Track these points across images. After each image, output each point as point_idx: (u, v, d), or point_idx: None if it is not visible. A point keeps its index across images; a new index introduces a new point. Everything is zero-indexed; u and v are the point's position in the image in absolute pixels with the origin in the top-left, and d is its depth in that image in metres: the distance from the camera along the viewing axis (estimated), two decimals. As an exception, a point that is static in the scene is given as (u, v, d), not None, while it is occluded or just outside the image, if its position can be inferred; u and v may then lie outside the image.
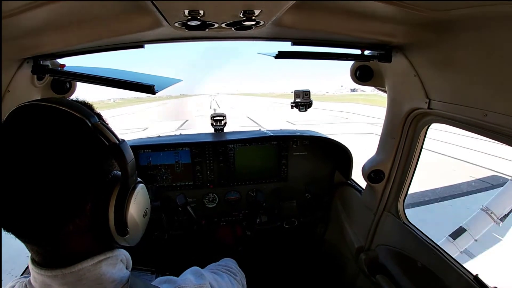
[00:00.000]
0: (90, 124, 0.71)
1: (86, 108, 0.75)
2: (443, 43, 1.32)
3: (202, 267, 1.21)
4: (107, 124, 0.80)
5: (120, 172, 0.76)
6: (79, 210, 0.69)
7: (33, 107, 0.70)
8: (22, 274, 1.02)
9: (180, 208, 2.36)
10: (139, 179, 0.84)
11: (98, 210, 0.73)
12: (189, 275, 0.95)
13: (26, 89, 1.55)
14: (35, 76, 1.55)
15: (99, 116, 0.79)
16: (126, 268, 0.86)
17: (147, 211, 0.86)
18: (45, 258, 0.72)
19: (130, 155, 0.77)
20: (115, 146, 0.73)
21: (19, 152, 0.63)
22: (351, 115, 27.99)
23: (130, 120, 30.79)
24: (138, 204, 0.79)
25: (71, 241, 0.71)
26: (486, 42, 1.13)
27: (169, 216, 2.50)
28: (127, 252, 0.89)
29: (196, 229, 2.54)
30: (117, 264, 0.80)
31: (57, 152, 0.65)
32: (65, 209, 0.67)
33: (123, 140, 0.77)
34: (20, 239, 0.68)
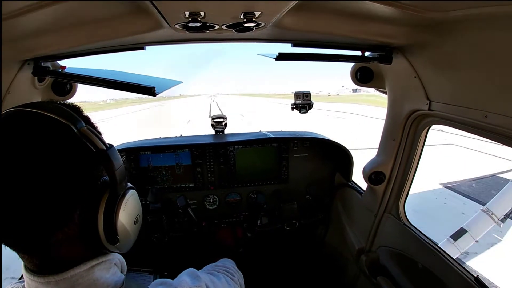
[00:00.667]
0: (76, 130, 0.69)
1: (72, 113, 0.72)
2: (443, 44, 1.32)
3: (202, 268, 1.20)
4: (95, 128, 0.78)
5: (108, 178, 0.74)
6: (66, 218, 0.68)
7: (18, 113, 0.68)
8: (20, 279, 1.02)
9: (180, 210, 2.36)
10: (130, 185, 0.82)
11: (87, 218, 0.71)
12: (185, 277, 0.94)
13: (26, 91, 1.55)
14: (36, 77, 1.55)
15: (87, 119, 0.77)
16: (121, 272, 0.85)
17: (138, 217, 0.85)
18: (37, 266, 0.71)
19: (118, 161, 0.74)
20: (102, 152, 0.71)
21: (3, 161, 0.61)
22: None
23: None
24: (128, 211, 0.78)
25: (61, 249, 0.70)
26: (486, 43, 1.13)
27: (170, 218, 2.50)
28: (121, 256, 0.88)
29: (197, 231, 2.54)
30: (111, 268, 0.79)
31: (41, 160, 0.63)
32: (51, 218, 0.65)
33: (111, 146, 0.75)
34: (10, 248, 0.67)
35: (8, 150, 0.62)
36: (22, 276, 0.76)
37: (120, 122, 30.54)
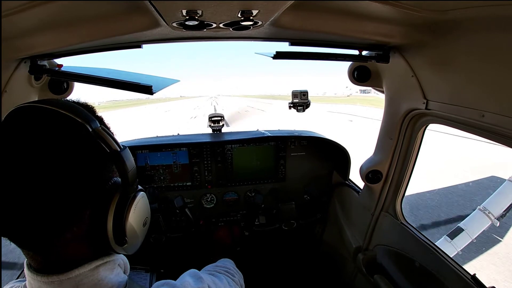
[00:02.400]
0: (90, 130, 0.68)
1: (87, 112, 0.72)
2: (441, 44, 1.33)
3: (200, 267, 1.20)
4: (108, 128, 0.78)
5: (120, 179, 0.74)
6: (77, 217, 0.68)
7: (32, 109, 0.67)
8: (17, 278, 1.01)
9: (177, 211, 2.36)
10: (140, 187, 0.82)
11: (97, 218, 0.71)
12: (188, 278, 0.93)
13: (23, 89, 1.54)
14: (33, 76, 1.54)
15: (101, 120, 0.77)
16: (124, 273, 0.85)
17: (147, 220, 0.85)
18: (41, 264, 0.71)
19: (131, 163, 0.75)
20: (116, 154, 0.71)
21: (16, 157, 0.61)
22: None
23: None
24: (138, 213, 0.78)
25: (68, 248, 0.70)
26: (483, 43, 1.14)
27: (167, 218, 2.49)
28: (124, 257, 0.88)
29: (194, 231, 2.54)
30: (114, 269, 0.79)
31: (55, 158, 0.63)
32: (62, 216, 0.65)
33: (125, 147, 0.75)
34: (16, 244, 0.66)
35: (22, 146, 0.62)
36: (20, 274, 0.75)
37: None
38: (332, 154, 2.67)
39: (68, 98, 1.76)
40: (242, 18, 1.15)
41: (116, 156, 0.71)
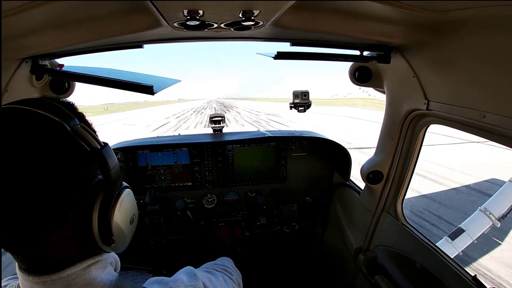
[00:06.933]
0: (69, 128, 0.66)
1: (66, 110, 0.69)
2: (442, 44, 1.32)
3: (200, 266, 1.20)
4: (89, 125, 0.76)
5: (103, 178, 0.73)
6: (61, 220, 0.66)
7: (9, 111, 0.65)
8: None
9: (179, 212, 2.36)
10: (125, 184, 0.80)
11: (81, 219, 0.70)
12: (182, 275, 0.92)
13: (24, 89, 1.54)
14: (34, 76, 1.55)
15: (81, 116, 0.76)
16: (115, 270, 0.85)
17: (134, 217, 0.83)
18: (30, 266, 0.70)
19: (113, 160, 0.73)
20: (96, 152, 0.69)
21: None
22: None
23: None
24: (123, 212, 0.76)
25: (56, 250, 0.68)
26: (485, 43, 1.14)
27: (168, 218, 2.50)
28: (115, 254, 0.87)
29: (195, 234, 2.54)
30: (106, 267, 0.78)
31: (32, 161, 0.61)
32: (45, 220, 0.63)
33: (106, 144, 0.73)
34: (3, 249, 0.65)
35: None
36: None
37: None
38: (333, 155, 2.67)
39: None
40: (243, 18, 1.15)
41: (96, 154, 0.69)
